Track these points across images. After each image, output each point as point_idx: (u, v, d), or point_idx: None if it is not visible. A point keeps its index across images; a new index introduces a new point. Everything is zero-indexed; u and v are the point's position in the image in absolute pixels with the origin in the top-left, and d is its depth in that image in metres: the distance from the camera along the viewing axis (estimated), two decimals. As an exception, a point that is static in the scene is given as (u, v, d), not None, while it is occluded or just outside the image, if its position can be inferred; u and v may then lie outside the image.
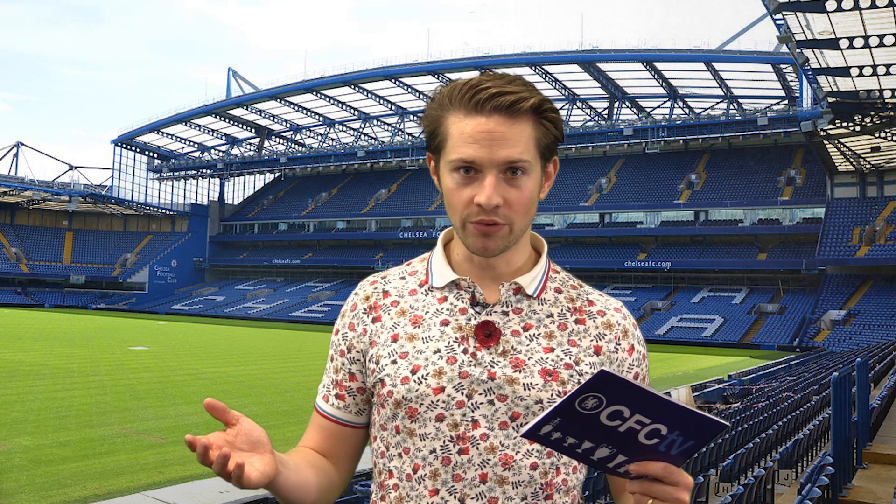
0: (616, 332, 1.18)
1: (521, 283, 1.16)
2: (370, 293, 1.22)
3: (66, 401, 15.77)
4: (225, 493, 9.14)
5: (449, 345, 1.13)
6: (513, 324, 1.14)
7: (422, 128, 1.20)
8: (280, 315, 61.20)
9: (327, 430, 1.23)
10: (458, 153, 1.10)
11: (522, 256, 1.20)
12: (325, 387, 1.25)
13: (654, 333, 46.30)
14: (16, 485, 9.38)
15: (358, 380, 1.21)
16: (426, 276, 1.21)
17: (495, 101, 1.08)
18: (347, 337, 1.21)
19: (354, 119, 71.67)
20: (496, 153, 1.08)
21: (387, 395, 1.14)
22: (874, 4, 22.62)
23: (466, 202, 1.10)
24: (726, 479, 7.36)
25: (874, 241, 45.19)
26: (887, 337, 33.06)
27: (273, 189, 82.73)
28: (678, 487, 0.96)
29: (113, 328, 42.20)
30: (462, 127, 1.10)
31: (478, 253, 1.14)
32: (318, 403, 1.25)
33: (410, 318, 1.17)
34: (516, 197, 1.10)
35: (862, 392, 6.89)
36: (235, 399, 17.11)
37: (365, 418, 1.23)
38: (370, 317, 1.20)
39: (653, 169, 60.36)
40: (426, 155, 1.23)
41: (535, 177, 1.13)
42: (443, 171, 1.15)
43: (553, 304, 1.18)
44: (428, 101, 1.20)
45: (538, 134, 1.12)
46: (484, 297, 1.15)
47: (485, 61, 55.99)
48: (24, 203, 75.30)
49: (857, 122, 37.21)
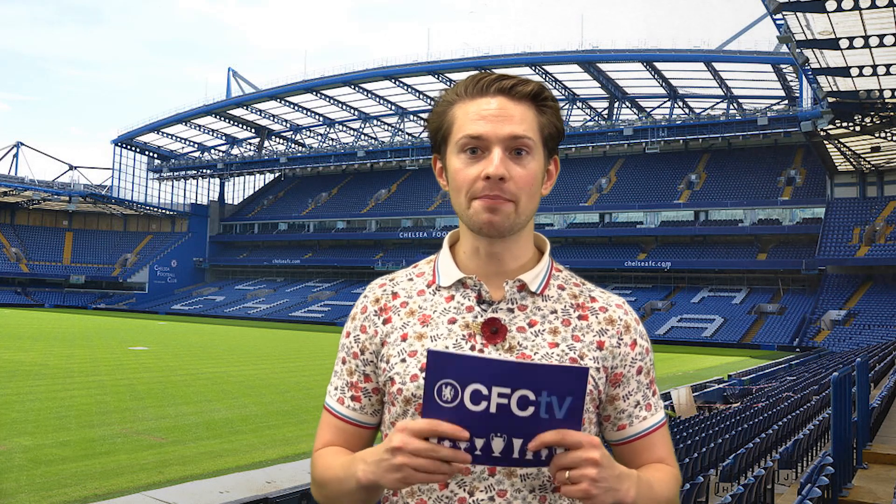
0: (618, 327, 1.20)
1: (525, 279, 1.18)
2: (380, 295, 1.24)
3: (66, 401, 15.76)
4: (225, 493, 9.13)
5: (457, 342, 1.15)
6: (518, 320, 1.16)
7: (428, 130, 1.23)
8: (280, 315, 61.19)
9: (344, 432, 1.24)
10: (464, 130, 1.14)
11: (527, 253, 1.22)
12: (340, 389, 1.25)
13: (654, 333, 46.29)
14: (16, 485, 9.37)
15: (373, 381, 1.23)
16: (433, 277, 1.23)
17: (498, 84, 1.15)
18: (360, 339, 1.23)
19: (354, 119, 71.68)
20: (501, 128, 1.13)
21: (397, 393, 1.16)
22: (874, 4, 22.61)
23: (473, 179, 1.14)
24: (726, 479, 7.36)
25: (874, 241, 45.19)
26: (887, 337, 33.04)
27: (273, 189, 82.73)
28: (584, 448, 0.98)
29: (113, 328, 42.20)
30: (468, 109, 1.16)
31: (484, 228, 1.15)
32: (333, 406, 1.26)
33: (419, 318, 1.19)
34: (521, 174, 1.14)
35: (862, 392, 6.88)
36: (235, 399, 17.11)
37: (378, 418, 1.25)
38: (381, 318, 1.21)
39: (653, 169, 60.36)
40: (432, 157, 1.26)
41: (538, 160, 1.16)
42: (449, 156, 1.18)
43: (556, 300, 1.20)
44: (433, 105, 1.23)
45: (541, 120, 1.17)
46: (490, 295, 1.17)
47: (485, 61, 55.99)
48: (24, 203, 75.31)
49: (857, 122, 37.20)
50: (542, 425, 0.96)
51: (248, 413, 15.35)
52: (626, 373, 1.20)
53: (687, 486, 5.77)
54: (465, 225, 1.20)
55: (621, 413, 1.21)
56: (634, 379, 1.21)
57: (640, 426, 1.22)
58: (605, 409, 1.22)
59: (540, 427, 0.96)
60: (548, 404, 0.95)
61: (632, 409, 1.22)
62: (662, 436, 1.24)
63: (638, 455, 1.22)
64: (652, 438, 1.22)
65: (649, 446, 1.22)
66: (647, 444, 1.22)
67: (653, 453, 1.22)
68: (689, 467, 7.22)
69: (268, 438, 12.91)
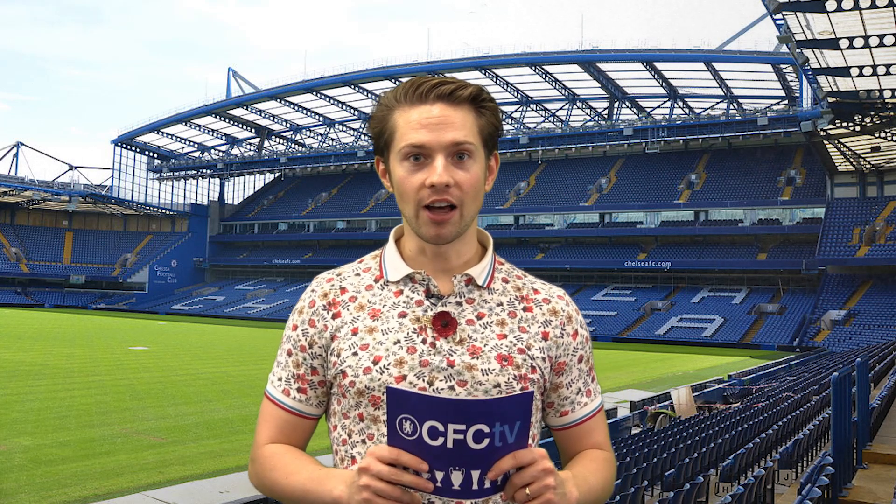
0: (561, 317, 1.25)
1: (472, 274, 1.22)
2: (328, 290, 1.25)
3: (66, 401, 15.77)
4: (225, 493, 9.14)
5: (408, 335, 1.17)
6: (467, 313, 1.20)
7: (370, 133, 1.24)
8: (280, 315, 61.15)
9: (288, 422, 1.25)
10: (406, 140, 1.16)
11: (471, 249, 1.26)
12: (285, 381, 1.26)
13: (654, 333, 46.32)
14: (16, 485, 9.38)
15: (319, 374, 1.24)
16: (380, 272, 1.25)
17: (437, 91, 1.16)
18: (308, 333, 1.24)
19: (354, 119, 71.67)
20: (443, 136, 1.15)
21: (349, 386, 1.17)
22: (874, 4, 22.61)
23: (418, 187, 1.16)
24: (726, 479, 7.36)
25: (874, 241, 45.19)
26: (887, 337, 33.05)
27: (273, 189, 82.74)
28: (535, 464, 1.02)
29: (113, 328, 42.20)
30: (408, 117, 1.17)
31: (431, 240, 1.19)
32: (277, 397, 1.26)
33: (369, 312, 1.21)
34: (465, 179, 1.16)
35: (862, 392, 6.88)
36: (235, 399, 17.12)
37: (322, 410, 1.27)
38: (329, 313, 1.23)
39: (653, 169, 60.34)
40: (374, 159, 1.28)
41: (480, 162, 1.19)
42: (393, 164, 1.20)
43: (502, 293, 1.24)
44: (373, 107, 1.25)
45: (480, 122, 1.19)
46: (438, 289, 1.21)
47: (485, 61, 55.99)
48: (24, 203, 75.31)
49: (857, 122, 37.20)
50: (497, 454, 0.99)
51: (248, 413, 15.35)
52: (568, 361, 1.26)
53: (687, 486, 5.77)
54: (411, 230, 1.23)
55: (564, 400, 1.27)
56: (576, 367, 1.27)
57: (580, 412, 1.28)
58: (549, 396, 1.27)
59: (495, 455, 1.00)
60: (501, 433, 0.99)
61: (574, 396, 1.28)
62: (600, 420, 1.31)
63: (578, 439, 1.29)
64: (591, 423, 1.29)
65: (588, 431, 1.29)
66: (586, 430, 1.29)
67: (591, 437, 1.29)
68: (689, 467, 7.22)
69: (268, 438, 12.89)
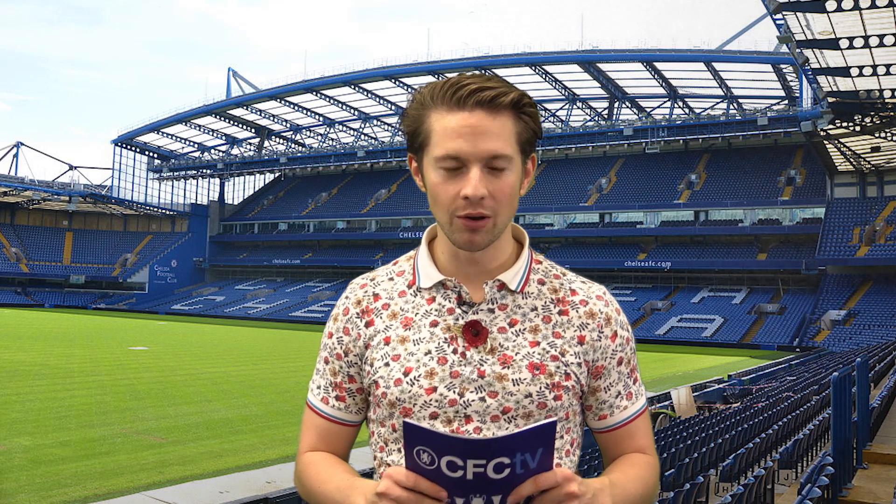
0: (599, 320, 1.21)
1: (504, 279, 1.19)
2: (361, 297, 1.24)
3: (66, 401, 15.77)
4: (225, 493, 9.14)
5: (439, 346, 1.16)
6: (499, 320, 1.17)
7: (403, 130, 1.21)
8: (280, 315, 61.19)
9: (329, 431, 1.26)
10: (443, 148, 1.13)
11: (506, 251, 1.23)
12: (324, 389, 1.27)
13: (654, 333, 46.29)
14: (16, 485, 9.38)
15: (357, 382, 1.24)
16: (413, 277, 1.24)
17: (477, 97, 1.12)
18: (343, 341, 1.23)
19: (354, 119, 71.67)
20: (480, 146, 1.11)
21: (381, 397, 1.17)
22: (874, 4, 22.60)
23: (453, 197, 1.13)
24: (726, 479, 7.36)
25: (874, 241, 45.18)
26: (887, 337, 33.05)
27: (273, 189, 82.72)
28: (560, 486, 0.99)
29: (113, 328, 42.20)
30: (445, 123, 1.13)
31: (464, 247, 1.16)
32: (317, 405, 1.27)
33: (401, 321, 1.19)
34: (500, 189, 1.13)
35: (862, 392, 6.88)
36: (235, 399, 17.11)
37: (363, 416, 1.26)
38: (363, 321, 1.22)
39: (653, 169, 60.34)
40: (407, 156, 1.25)
41: (516, 170, 1.15)
42: (427, 168, 1.17)
43: (537, 296, 1.21)
44: (409, 101, 1.21)
45: (518, 128, 1.15)
46: (470, 296, 1.18)
47: (485, 61, 55.94)
48: (24, 203, 75.29)
49: (857, 122, 37.20)
50: (518, 479, 0.98)
51: (248, 413, 15.36)
52: (607, 365, 1.22)
53: (687, 486, 5.77)
54: (444, 234, 1.21)
55: (602, 403, 1.24)
56: (615, 370, 1.23)
57: (620, 416, 1.24)
58: (587, 399, 1.24)
59: (516, 481, 0.98)
60: (522, 461, 0.97)
61: (613, 400, 1.24)
62: (643, 423, 1.27)
63: (619, 443, 1.25)
64: (632, 427, 1.25)
65: (630, 434, 1.25)
66: (628, 433, 1.25)
67: (634, 441, 1.25)
68: (689, 467, 7.22)
69: (268, 438, 12.92)
